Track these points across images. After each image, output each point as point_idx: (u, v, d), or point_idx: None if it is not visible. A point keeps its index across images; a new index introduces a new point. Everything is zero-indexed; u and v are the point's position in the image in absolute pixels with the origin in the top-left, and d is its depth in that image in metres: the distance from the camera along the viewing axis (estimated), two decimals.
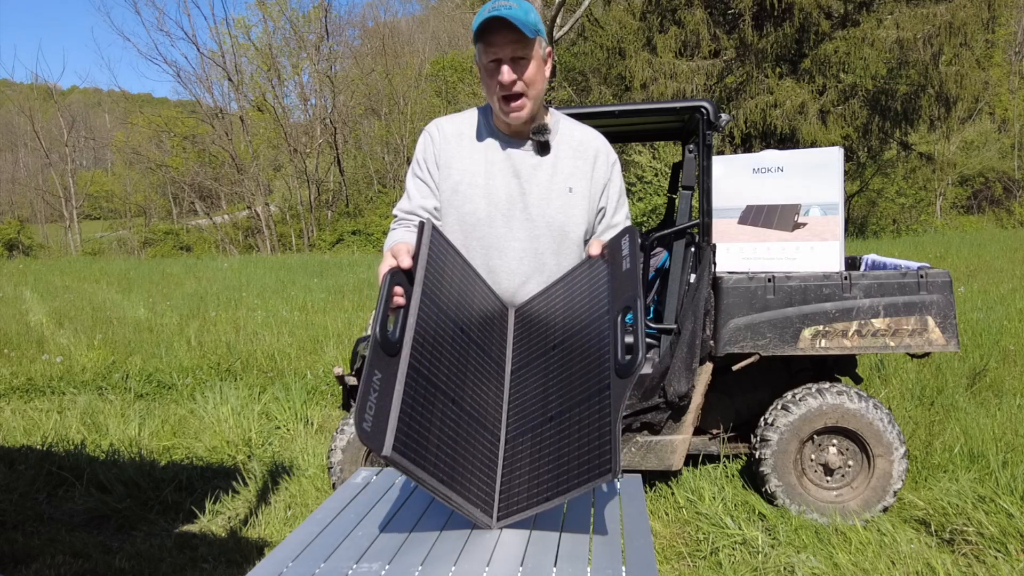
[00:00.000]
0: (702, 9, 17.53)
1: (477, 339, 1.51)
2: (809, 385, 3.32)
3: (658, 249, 3.72)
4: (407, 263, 1.38)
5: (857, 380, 3.78)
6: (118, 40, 56.81)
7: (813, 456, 3.31)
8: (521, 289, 1.71)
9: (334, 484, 3.35)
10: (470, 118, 1.79)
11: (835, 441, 3.29)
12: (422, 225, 1.45)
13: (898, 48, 16.68)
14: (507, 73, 1.61)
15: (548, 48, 1.71)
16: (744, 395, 3.65)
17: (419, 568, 1.17)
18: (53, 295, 11.71)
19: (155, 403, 5.53)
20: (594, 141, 1.78)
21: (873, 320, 3.19)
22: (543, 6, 16.08)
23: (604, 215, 1.78)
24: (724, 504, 3.31)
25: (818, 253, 3.45)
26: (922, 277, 3.18)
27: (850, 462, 3.29)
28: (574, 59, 23.53)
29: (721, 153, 8.02)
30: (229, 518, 3.52)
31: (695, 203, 3.33)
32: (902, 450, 3.19)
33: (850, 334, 3.20)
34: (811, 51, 17.38)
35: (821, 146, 10.34)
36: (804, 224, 3.48)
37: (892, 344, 3.20)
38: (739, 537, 3.05)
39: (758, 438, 3.31)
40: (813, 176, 3.46)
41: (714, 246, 3.28)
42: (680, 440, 3.28)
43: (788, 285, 3.24)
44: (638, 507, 1.41)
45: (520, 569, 1.16)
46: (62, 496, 3.78)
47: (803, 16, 16.72)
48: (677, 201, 3.58)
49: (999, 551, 2.83)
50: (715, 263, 3.29)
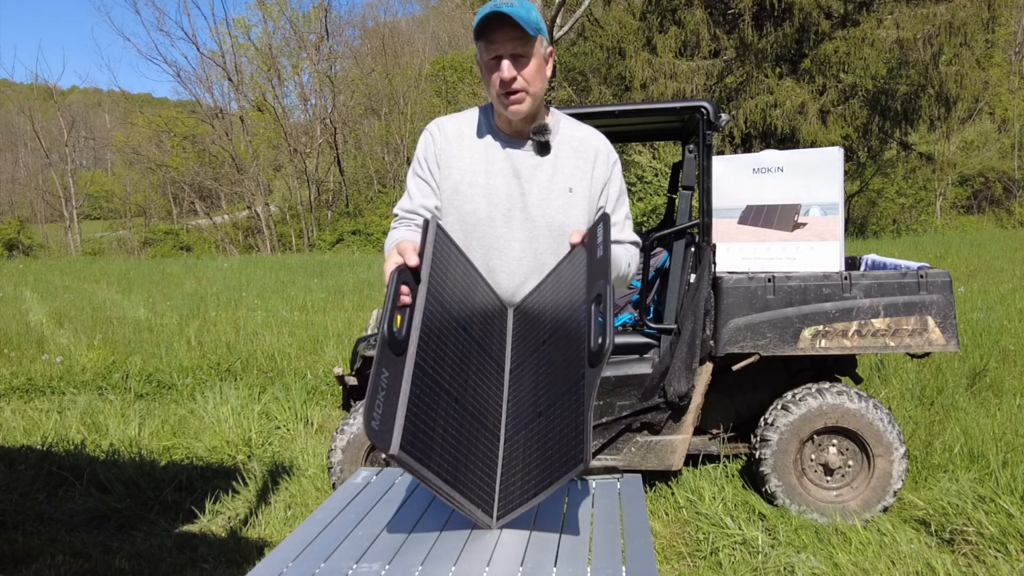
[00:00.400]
0: (702, 9, 17.53)
1: (479, 338, 1.51)
2: (809, 385, 3.32)
3: (658, 249, 3.72)
4: (414, 261, 1.38)
5: (857, 380, 3.78)
6: (118, 40, 56.70)
7: (813, 456, 3.31)
8: (520, 289, 1.71)
9: (334, 484, 3.35)
10: (471, 118, 1.79)
11: (835, 441, 3.29)
12: (427, 223, 1.45)
13: (898, 48, 16.69)
14: (507, 69, 1.61)
15: (550, 48, 1.71)
16: (744, 395, 3.64)
17: (419, 568, 1.17)
18: (53, 295, 11.71)
19: (155, 403, 5.53)
20: (595, 141, 1.78)
21: (873, 320, 3.19)
22: (543, 6, 16.07)
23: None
24: (724, 504, 3.31)
25: (818, 253, 3.45)
26: (922, 277, 3.18)
27: (850, 462, 3.29)
28: (574, 59, 23.52)
29: (721, 153, 8.01)
30: (229, 518, 3.52)
31: (695, 203, 3.33)
32: (902, 450, 3.19)
33: (850, 334, 3.20)
34: (811, 51, 17.38)
35: (821, 146, 10.34)
36: (804, 224, 3.48)
37: (892, 344, 3.20)
38: (739, 537, 3.05)
39: (758, 438, 3.31)
40: (813, 176, 3.46)
41: (714, 246, 3.28)
42: (680, 440, 3.28)
43: (788, 285, 3.24)
44: (638, 507, 1.41)
45: (520, 569, 1.16)
46: (62, 496, 3.78)
47: (803, 16, 16.73)
48: (677, 201, 3.58)
49: (999, 551, 2.83)
50: (715, 263, 3.29)
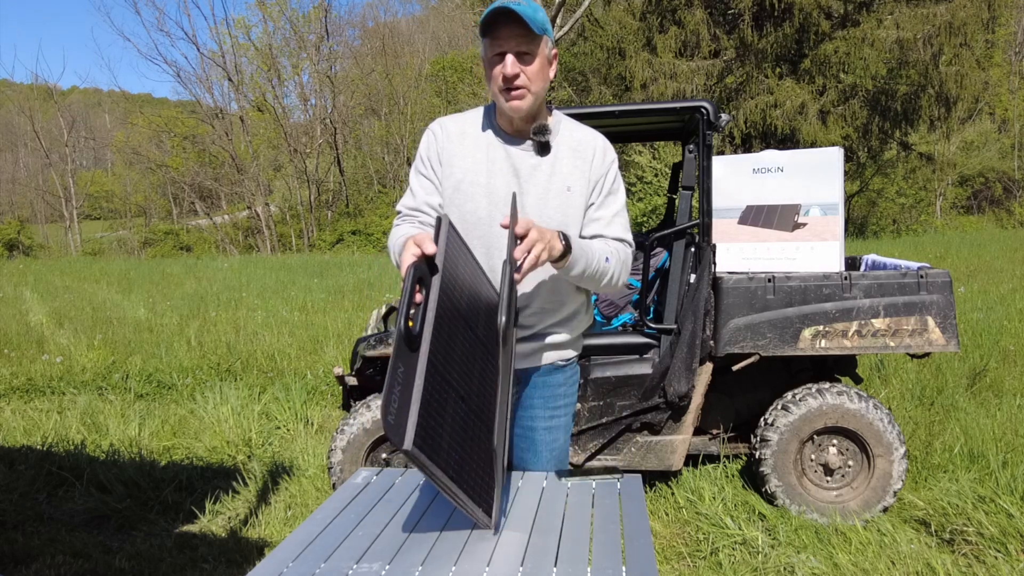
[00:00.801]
0: (702, 9, 17.53)
1: (483, 337, 1.51)
2: (809, 385, 3.32)
3: (658, 249, 3.72)
4: (431, 248, 1.37)
5: (857, 380, 3.78)
6: (118, 40, 56.67)
7: (813, 456, 3.31)
8: (519, 289, 1.71)
9: (334, 484, 3.34)
10: (473, 117, 1.80)
11: (835, 441, 3.29)
12: (439, 220, 1.45)
13: (898, 48, 16.68)
14: (510, 65, 1.61)
15: (554, 51, 1.71)
16: (744, 395, 3.64)
17: (419, 568, 1.17)
18: (53, 295, 11.70)
19: (155, 403, 5.53)
20: (593, 140, 1.78)
21: (873, 320, 3.19)
22: (543, 5, 16.07)
23: (590, 208, 1.77)
24: (724, 504, 3.31)
25: (818, 253, 3.44)
26: (922, 277, 3.18)
27: (850, 462, 3.29)
28: (574, 59, 23.51)
29: (721, 153, 8.01)
30: (229, 518, 3.52)
31: (695, 203, 3.32)
32: (902, 450, 3.19)
33: (850, 334, 3.20)
34: (811, 51, 17.38)
35: (821, 146, 10.34)
36: (804, 224, 3.47)
37: (892, 344, 3.20)
38: (739, 537, 3.05)
39: (758, 438, 3.30)
40: (813, 176, 3.46)
41: (714, 246, 3.28)
42: (680, 440, 3.28)
43: (788, 285, 3.24)
44: (638, 507, 1.41)
45: (520, 569, 1.16)
46: (62, 496, 3.78)
47: (803, 16, 16.73)
48: (677, 201, 3.58)
49: (999, 551, 2.83)
50: (715, 263, 3.29)
